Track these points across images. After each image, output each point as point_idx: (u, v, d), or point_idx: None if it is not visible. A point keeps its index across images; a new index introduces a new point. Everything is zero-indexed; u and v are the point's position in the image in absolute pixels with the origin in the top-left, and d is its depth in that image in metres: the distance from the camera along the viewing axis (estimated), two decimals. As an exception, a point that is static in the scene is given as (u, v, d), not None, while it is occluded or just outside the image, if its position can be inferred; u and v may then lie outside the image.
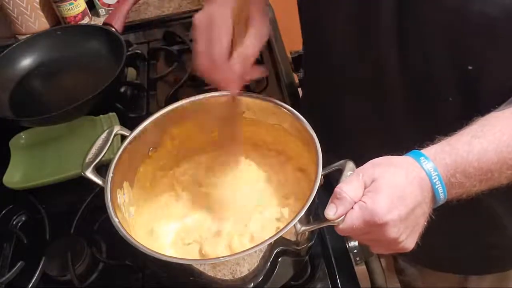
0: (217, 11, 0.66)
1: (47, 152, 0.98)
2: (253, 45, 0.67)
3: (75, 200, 0.88)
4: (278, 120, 0.75)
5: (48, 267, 0.78)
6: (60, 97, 1.05)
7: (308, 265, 0.74)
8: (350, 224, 0.55)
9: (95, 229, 0.83)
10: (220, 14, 0.66)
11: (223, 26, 0.66)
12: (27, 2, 1.25)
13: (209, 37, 0.66)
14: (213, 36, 0.66)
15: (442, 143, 0.57)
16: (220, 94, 0.75)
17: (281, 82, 1.05)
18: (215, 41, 0.66)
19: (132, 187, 0.74)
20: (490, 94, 0.62)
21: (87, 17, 1.31)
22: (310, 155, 0.68)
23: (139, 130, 0.73)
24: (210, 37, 0.66)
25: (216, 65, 0.66)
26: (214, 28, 0.66)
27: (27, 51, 1.12)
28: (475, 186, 0.57)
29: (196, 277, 0.61)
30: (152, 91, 1.10)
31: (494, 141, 0.56)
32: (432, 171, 0.55)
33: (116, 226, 0.62)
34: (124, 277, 0.78)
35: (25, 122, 0.99)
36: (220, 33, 0.66)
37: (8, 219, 0.89)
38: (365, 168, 0.57)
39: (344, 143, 0.83)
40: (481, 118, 0.59)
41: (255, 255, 0.60)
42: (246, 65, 0.68)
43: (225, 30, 0.66)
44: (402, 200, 0.54)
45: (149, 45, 1.22)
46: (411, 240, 0.57)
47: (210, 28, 0.66)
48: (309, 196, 0.60)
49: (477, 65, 0.62)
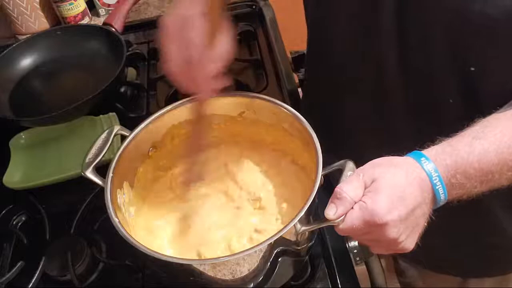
0: (188, 13, 0.65)
1: (47, 152, 0.98)
2: (228, 47, 0.67)
3: (75, 200, 0.88)
4: (278, 120, 0.75)
5: (48, 267, 0.78)
6: (60, 97, 1.05)
7: (308, 265, 0.74)
8: (350, 224, 0.55)
9: (95, 229, 0.83)
10: (191, 16, 0.65)
11: (198, 28, 0.64)
12: (27, 2, 1.25)
13: (183, 40, 0.64)
14: (187, 39, 0.64)
15: (443, 144, 0.57)
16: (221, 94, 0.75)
17: (281, 82, 1.05)
18: (190, 43, 0.64)
19: (132, 187, 0.74)
20: (491, 96, 0.62)
21: (87, 17, 1.31)
22: (310, 155, 0.68)
23: (139, 130, 0.73)
24: (184, 40, 0.64)
25: (191, 68, 0.64)
26: (188, 31, 0.64)
27: (27, 51, 1.12)
28: (475, 187, 0.57)
29: (196, 277, 0.61)
30: (152, 91, 1.10)
31: (495, 142, 0.56)
32: (432, 172, 0.55)
33: (116, 226, 0.62)
34: (124, 277, 0.78)
35: (25, 122, 0.99)
36: (195, 35, 0.64)
37: (8, 219, 0.89)
38: (365, 168, 0.57)
39: (344, 143, 0.83)
40: (482, 119, 0.59)
41: (255, 255, 0.60)
42: (221, 67, 0.66)
43: (200, 32, 0.64)
44: (402, 200, 0.54)
45: (149, 45, 1.22)
46: (411, 240, 0.57)
47: (183, 31, 0.64)
48: (309, 196, 0.60)
49: (479, 66, 0.62)
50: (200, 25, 0.64)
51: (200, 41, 0.64)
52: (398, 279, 1.10)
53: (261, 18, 1.22)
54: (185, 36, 0.64)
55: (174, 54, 0.65)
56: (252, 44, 1.18)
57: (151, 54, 1.19)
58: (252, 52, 1.16)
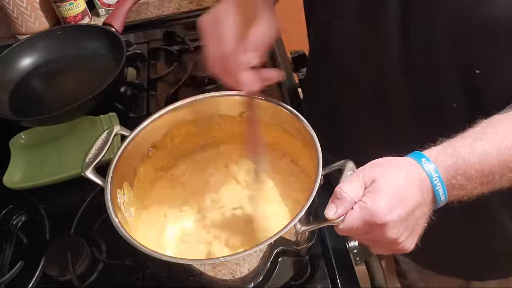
0: (220, 8, 0.65)
1: (47, 152, 0.98)
2: (263, 35, 0.65)
3: (75, 200, 0.88)
4: (278, 120, 0.75)
5: (48, 267, 0.78)
6: (60, 97, 1.05)
7: (308, 265, 0.74)
8: (350, 224, 0.55)
9: (95, 229, 0.83)
10: (223, 10, 0.64)
11: (229, 21, 0.63)
12: (27, 2, 1.25)
13: (217, 36, 0.64)
14: (220, 34, 0.63)
15: (444, 145, 0.57)
16: (221, 94, 0.75)
17: (281, 82, 1.05)
18: (223, 37, 0.63)
19: (132, 187, 0.74)
20: (495, 98, 0.61)
21: (87, 17, 1.31)
22: (310, 155, 0.68)
23: (139, 130, 0.73)
24: (217, 36, 0.63)
25: (228, 63, 0.63)
26: (220, 25, 0.63)
27: (27, 51, 1.12)
28: (476, 188, 0.57)
29: (196, 277, 0.61)
30: (152, 91, 1.10)
31: (496, 144, 0.56)
32: (433, 173, 0.55)
33: (116, 226, 0.62)
34: (124, 277, 0.78)
35: (25, 122, 0.99)
36: (227, 29, 0.63)
37: (8, 219, 0.89)
38: (365, 168, 0.57)
39: (344, 143, 0.83)
40: (484, 120, 0.59)
41: (255, 255, 0.60)
42: (259, 55, 0.65)
43: (231, 25, 0.63)
44: (402, 200, 0.54)
45: (149, 45, 1.22)
46: (411, 240, 0.57)
47: (216, 27, 0.64)
48: (309, 196, 0.60)
49: (483, 69, 0.62)
50: (232, 19, 0.63)
51: (231, 34, 0.63)
52: (399, 280, 1.10)
53: (261, 18, 1.22)
54: (217, 31, 0.63)
55: (211, 51, 0.64)
56: (252, 44, 1.18)
57: (151, 54, 1.19)
58: (252, 52, 1.16)
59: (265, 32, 0.65)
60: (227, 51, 0.63)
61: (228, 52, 0.63)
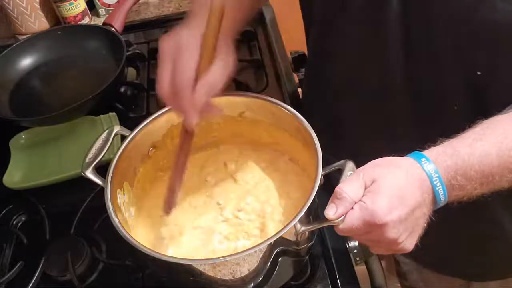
0: (186, 37, 0.63)
1: (47, 152, 0.98)
2: (219, 76, 0.64)
3: (75, 200, 0.88)
4: (278, 120, 0.75)
5: (48, 267, 0.78)
6: (60, 97, 1.05)
7: (308, 265, 0.74)
8: (350, 224, 0.55)
9: (95, 229, 0.83)
10: (188, 40, 0.63)
11: (190, 54, 0.62)
12: (27, 2, 1.25)
13: (175, 64, 0.63)
14: (179, 63, 0.62)
15: (444, 145, 0.57)
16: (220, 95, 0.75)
17: (281, 82, 1.05)
18: (181, 68, 0.62)
19: (132, 187, 0.74)
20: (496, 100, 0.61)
21: (87, 17, 1.31)
22: (310, 155, 0.68)
23: (139, 130, 0.74)
24: (176, 64, 0.62)
25: (179, 93, 0.62)
26: (181, 55, 0.62)
27: (27, 51, 1.12)
28: (476, 189, 0.57)
29: (196, 277, 0.61)
30: (152, 91, 1.10)
31: (496, 144, 0.56)
32: (433, 173, 0.55)
33: (116, 226, 0.62)
34: (124, 277, 0.78)
35: (25, 122, 0.99)
36: (187, 61, 0.62)
37: (8, 219, 0.89)
38: (365, 168, 0.57)
39: (344, 143, 0.83)
40: (484, 120, 0.59)
41: (255, 255, 0.60)
42: (210, 96, 0.64)
43: (192, 58, 0.62)
44: (402, 201, 0.54)
45: (149, 45, 1.22)
46: (411, 241, 0.57)
47: (176, 54, 0.63)
48: (309, 196, 0.60)
49: (484, 71, 0.62)
50: (193, 52, 0.62)
51: (189, 71, 0.62)
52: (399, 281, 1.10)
53: (261, 18, 1.22)
54: (176, 63, 0.63)
55: (164, 78, 0.63)
56: (252, 44, 1.18)
57: (151, 54, 1.19)
58: (252, 52, 1.16)
59: (221, 72, 0.64)
60: (181, 86, 0.62)
61: (182, 87, 0.62)
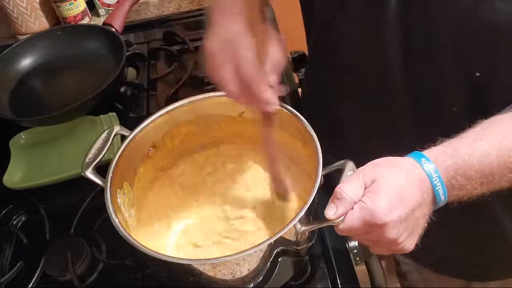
0: (231, 30, 0.63)
1: (47, 152, 0.98)
2: (280, 52, 0.65)
3: (75, 200, 0.88)
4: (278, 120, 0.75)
5: (48, 267, 0.78)
6: (60, 97, 1.05)
7: (308, 265, 0.74)
8: (350, 224, 0.55)
9: (95, 229, 0.83)
10: (237, 32, 0.62)
11: (247, 43, 0.62)
12: (27, 2, 1.25)
13: (235, 61, 0.62)
14: (239, 58, 0.61)
15: (444, 145, 0.57)
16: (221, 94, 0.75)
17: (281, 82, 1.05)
18: (244, 62, 0.61)
19: (132, 187, 0.74)
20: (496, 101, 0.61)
21: (87, 17, 1.31)
22: (310, 155, 0.68)
23: (139, 130, 0.74)
24: (236, 61, 0.62)
25: (251, 86, 0.62)
26: (237, 48, 0.62)
27: (27, 51, 1.12)
28: (476, 189, 0.57)
29: (196, 277, 0.61)
30: (152, 91, 1.10)
31: (496, 144, 0.56)
32: (433, 173, 0.55)
33: (116, 226, 0.62)
34: (124, 277, 0.78)
35: (25, 122, 0.99)
36: (245, 51, 0.61)
37: (8, 219, 0.89)
38: (365, 168, 0.57)
39: (344, 143, 0.83)
40: (484, 120, 0.59)
41: (255, 255, 0.60)
42: (280, 74, 0.65)
43: (249, 48, 0.62)
44: (402, 201, 0.54)
45: (149, 45, 1.22)
46: (411, 241, 0.57)
47: (231, 49, 0.62)
48: (309, 196, 0.60)
49: (483, 72, 0.62)
50: (246, 43, 0.62)
51: (252, 59, 0.61)
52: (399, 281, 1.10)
53: (261, 18, 1.22)
54: (235, 59, 0.62)
55: (230, 78, 0.62)
56: (252, 44, 1.18)
57: (151, 54, 1.19)
58: (252, 52, 1.16)
59: (279, 48, 0.65)
60: (250, 75, 0.61)
61: (251, 76, 0.61)
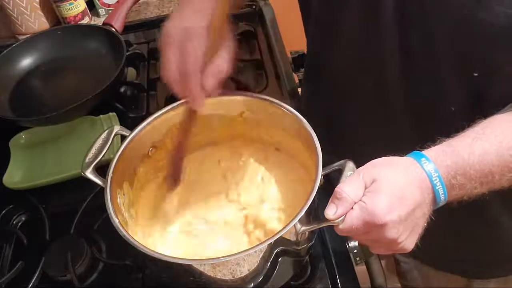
0: (192, 25, 0.67)
1: (47, 152, 0.98)
2: (227, 60, 0.68)
3: (75, 200, 0.88)
4: (277, 120, 0.75)
5: (48, 267, 0.78)
6: (60, 97, 1.05)
7: (308, 265, 0.74)
8: (350, 224, 0.55)
9: (95, 229, 0.83)
10: (196, 29, 0.67)
11: (200, 42, 0.66)
12: (27, 2, 1.25)
13: (184, 49, 0.66)
14: (188, 48, 0.66)
15: (444, 145, 0.57)
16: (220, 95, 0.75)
17: (281, 82, 1.05)
18: (191, 53, 0.66)
19: (132, 187, 0.74)
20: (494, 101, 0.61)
21: (87, 17, 1.31)
22: (310, 155, 0.68)
23: (139, 130, 0.74)
24: (184, 49, 0.66)
25: (188, 77, 0.66)
26: (190, 40, 0.66)
27: (27, 51, 1.12)
28: (475, 188, 0.57)
29: (196, 277, 0.61)
30: (152, 91, 1.10)
31: (496, 144, 0.56)
32: (432, 172, 0.55)
33: (116, 226, 0.62)
34: (124, 277, 0.78)
35: (25, 122, 0.99)
36: (197, 49, 0.66)
37: (8, 219, 0.89)
38: (365, 168, 0.57)
39: (344, 143, 0.83)
40: (484, 120, 0.59)
41: (255, 255, 0.60)
42: (218, 80, 0.68)
43: (202, 44, 0.66)
44: (402, 200, 0.54)
45: (149, 45, 1.22)
46: (411, 240, 0.57)
47: (185, 41, 0.66)
48: (309, 196, 0.60)
49: (482, 72, 0.62)
50: (201, 39, 0.66)
51: (198, 55, 0.66)
52: (399, 280, 1.10)
53: (261, 18, 1.22)
54: (185, 48, 0.66)
55: (173, 64, 0.67)
56: (252, 44, 1.18)
57: (151, 54, 1.19)
58: (252, 52, 1.16)
59: (228, 56, 0.68)
60: (192, 71, 0.66)
61: (192, 71, 0.66)
